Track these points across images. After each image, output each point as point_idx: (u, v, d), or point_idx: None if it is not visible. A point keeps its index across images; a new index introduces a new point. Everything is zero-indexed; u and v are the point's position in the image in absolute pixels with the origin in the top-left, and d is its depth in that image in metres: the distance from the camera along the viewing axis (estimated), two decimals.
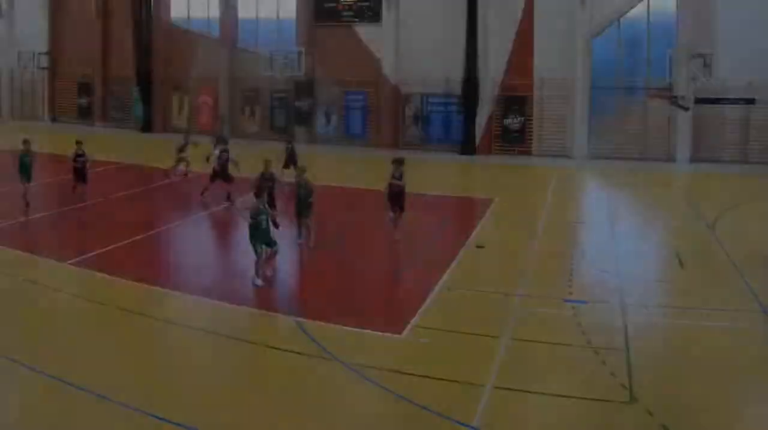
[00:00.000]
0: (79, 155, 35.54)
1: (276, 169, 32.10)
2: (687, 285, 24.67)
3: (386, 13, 59.93)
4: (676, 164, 52.65)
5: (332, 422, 15.09)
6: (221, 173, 35.99)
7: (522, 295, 22.81)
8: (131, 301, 21.81)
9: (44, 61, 75.34)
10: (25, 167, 33.97)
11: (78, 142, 36.11)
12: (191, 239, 30.76)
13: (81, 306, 21.94)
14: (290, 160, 40.00)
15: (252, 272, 22.90)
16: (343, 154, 55.62)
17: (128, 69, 70.21)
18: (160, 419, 14.50)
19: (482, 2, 56.55)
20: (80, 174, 35.39)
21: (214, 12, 67.11)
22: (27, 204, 33.24)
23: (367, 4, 61.19)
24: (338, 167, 45.94)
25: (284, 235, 27.25)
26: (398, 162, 29.23)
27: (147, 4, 68.79)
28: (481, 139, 57.97)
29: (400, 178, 28.68)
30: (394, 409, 15.58)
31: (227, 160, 36.42)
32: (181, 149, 42.07)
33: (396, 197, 28.77)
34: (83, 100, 74.92)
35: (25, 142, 34.67)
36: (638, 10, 54.84)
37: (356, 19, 61.77)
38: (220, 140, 42.43)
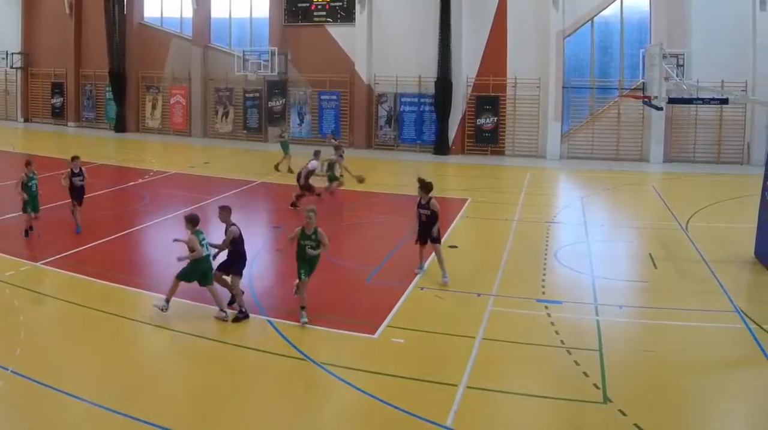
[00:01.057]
0: (76, 174, 29.53)
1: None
2: (660, 285, 24.32)
3: (359, 13, 59.07)
4: (649, 164, 52.26)
5: (306, 423, 14.95)
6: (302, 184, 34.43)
7: (495, 295, 22.60)
8: (105, 302, 21.34)
9: (18, 61, 74.33)
10: (33, 195, 28.52)
11: (74, 158, 29.86)
12: (165, 239, 28.17)
13: (58, 307, 21.48)
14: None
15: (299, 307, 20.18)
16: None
17: (101, 69, 69.25)
18: (136, 419, 14.31)
19: (455, 2, 55.82)
20: (78, 194, 29.72)
21: (187, 11, 66.26)
22: (32, 233, 28.94)
23: (339, 4, 60.58)
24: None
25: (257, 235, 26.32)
26: (423, 187, 24.44)
27: (120, 4, 67.78)
28: (455, 139, 57.38)
29: (427, 205, 24.10)
30: (368, 409, 15.36)
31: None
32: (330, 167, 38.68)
33: (425, 228, 24.23)
34: (56, 101, 73.75)
35: (29, 163, 29.13)
36: (611, 9, 54.35)
37: (329, 20, 61.11)
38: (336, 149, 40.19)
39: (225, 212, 21.55)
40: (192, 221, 20.88)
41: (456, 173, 51.07)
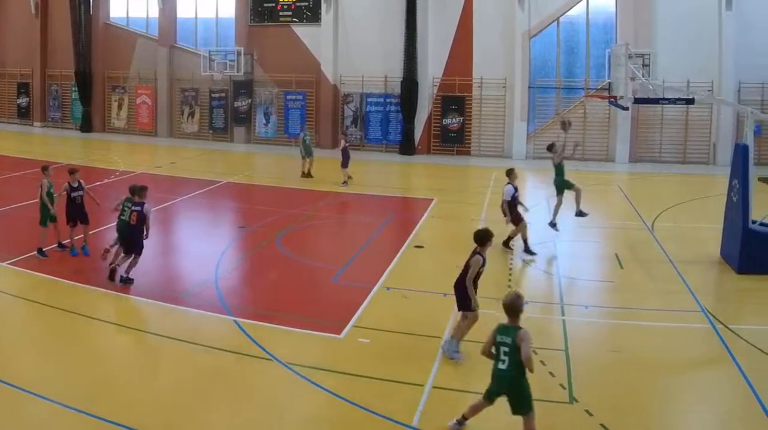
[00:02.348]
0: (74, 188, 26.05)
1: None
2: (626, 285, 23.93)
3: (325, 14, 57.94)
4: (615, 164, 51.55)
5: (271, 423, 14.63)
6: None
7: None
8: (71, 301, 20.92)
9: None
10: (52, 201, 25.80)
11: (73, 171, 26.38)
12: None
13: (23, 306, 21.06)
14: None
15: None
16: (282, 155, 53.85)
17: (67, 68, 67.68)
18: (102, 419, 14.05)
19: (421, 2, 54.82)
20: (79, 211, 26.20)
21: (153, 11, 64.90)
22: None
23: (305, 4, 59.47)
24: (278, 167, 44.42)
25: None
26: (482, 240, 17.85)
27: (86, 4, 66.19)
28: (421, 139, 56.36)
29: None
30: (334, 409, 15.13)
31: None
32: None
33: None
34: (22, 100, 72.06)
35: (46, 168, 26.41)
36: (577, 10, 53.64)
37: (295, 19, 60.00)
38: None
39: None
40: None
41: (422, 173, 50.18)
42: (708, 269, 25.76)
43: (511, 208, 27.06)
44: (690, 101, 30.71)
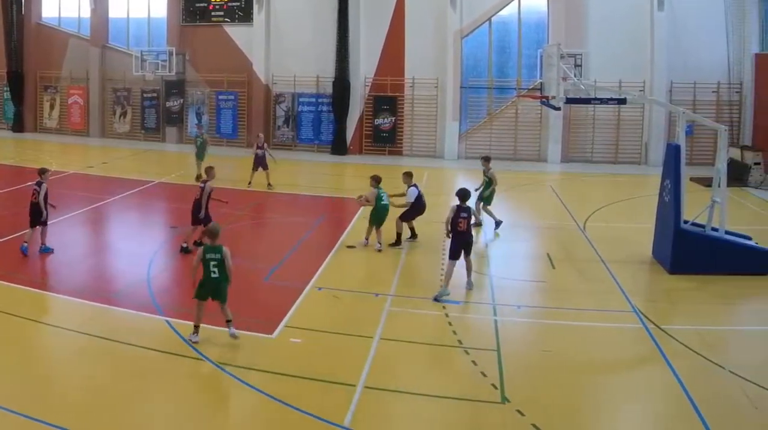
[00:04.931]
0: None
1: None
2: (558, 285, 23.70)
3: (257, 14, 55.97)
4: (547, 164, 50.44)
5: (204, 423, 14.40)
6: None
7: (393, 295, 22.02)
8: (3, 302, 20.36)
9: None
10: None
11: (42, 172, 25.72)
12: (63, 239, 27.79)
13: None
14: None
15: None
16: (215, 155, 51.72)
17: None
18: (34, 420, 13.75)
19: (353, 2, 53.15)
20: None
21: (85, 11, 62.24)
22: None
23: (237, 4, 57.34)
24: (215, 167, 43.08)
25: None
26: (463, 196, 22.40)
27: (18, 4, 63.16)
28: (352, 139, 54.65)
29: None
30: (266, 409, 14.85)
31: None
32: None
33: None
34: None
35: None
36: (509, 10, 52.21)
37: (227, 19, 57.81)
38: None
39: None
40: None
41: (354, 173, 48.38)
42: (640, 269, 25.47)
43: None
44: (622, 101, 30.14)
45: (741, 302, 22.49)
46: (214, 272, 17.56)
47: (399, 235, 27.65)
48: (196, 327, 17.78)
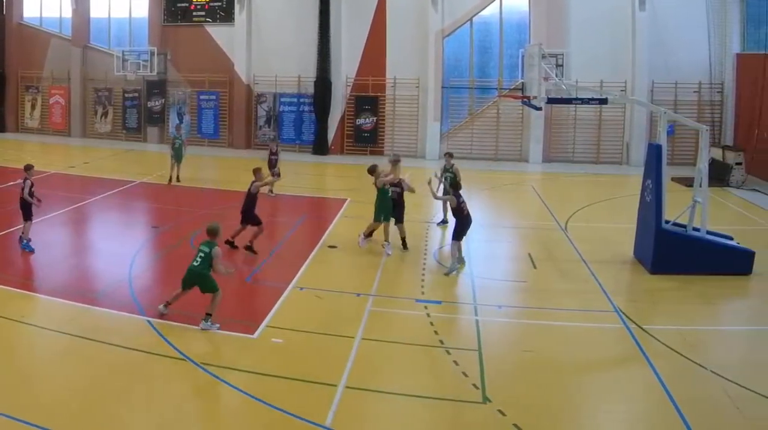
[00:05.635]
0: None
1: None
2: (540, 285, 23.61)
3: (238, 14, 55.37)
4: (528, 164, 50.07)
5: (186, 423, 14.38)
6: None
7: (375, 295, 21.94)
8: None
9: None
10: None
11: (27, 168, 26.25)
12: (43, 239, 27.44)
13: None
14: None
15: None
16: (195, 155, 51.30)
17: None
18: (15, 419, 13.67)
19: (335, 2, 52.67)
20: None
21: (67, 11, 61.39)
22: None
23: (219, 4, 56.58)
24: (191, 168, 42.77)
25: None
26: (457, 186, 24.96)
27: None
28: (334, 139, 54.23)
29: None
30: (248, 409, 14.83)
31: None
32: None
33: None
34: None
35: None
36: (491, 10, 51.77)
37: (208, 19, 57.12)
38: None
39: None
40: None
41: (335, 173, 48.55)
42: (621, 269, 25.39)
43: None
44: (603, 101, 29.95)
45: (722, 302, 22.43)
46: (197, 261, 18.51)
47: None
48: (168, 303, 19.04)
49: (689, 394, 15.37)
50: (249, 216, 26.17)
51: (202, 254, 18.52)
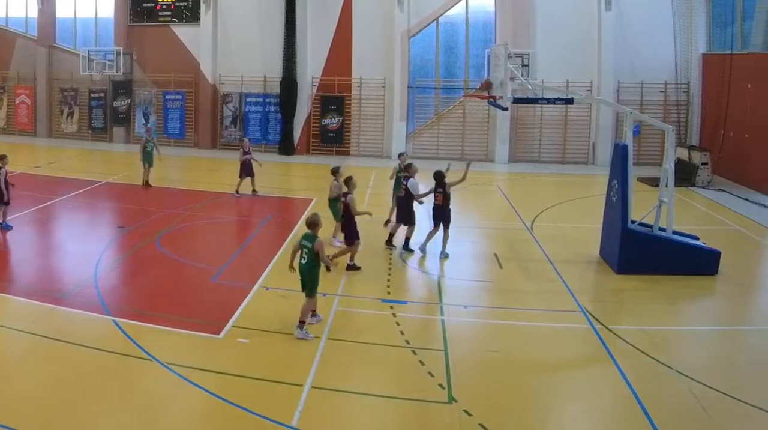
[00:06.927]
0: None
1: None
2: (506, 285, 23.57)
3: (204, 14, 54.50)
4: (494, 164, 49.45)
5: (151, 423, 14.06)
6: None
7: (341, 295, 21.95)
8: None
9: None
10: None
11: (1, 158, 28.49)
12: (9, 240, 27.78)
13: None
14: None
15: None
16: (162, 155, 51.18)
17: None
18: None
19: (300, 2, 51.95)
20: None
21: (32, 11, 60.39)
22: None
23: (185, 4, 55.62)
24: (157, 167, 42.32)
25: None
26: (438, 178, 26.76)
27: None
28: (300, 139, 53.45)
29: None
30: (214, 409, 14.74)
31: None
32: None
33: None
34: None
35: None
36: (456, 10, 51.26)
37: (174, 19, 56.22)
38: None
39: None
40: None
41: (301, 173, 47.76)
42: (587, 269, 25.33)
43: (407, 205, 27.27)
44: (569, 101, 29.71)
45: (688, 302, 22.46)
46: (303, 259, 18.23)
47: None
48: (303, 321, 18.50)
49: (655, 393, 15.34)
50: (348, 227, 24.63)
51: (306, 250, 18.22)
